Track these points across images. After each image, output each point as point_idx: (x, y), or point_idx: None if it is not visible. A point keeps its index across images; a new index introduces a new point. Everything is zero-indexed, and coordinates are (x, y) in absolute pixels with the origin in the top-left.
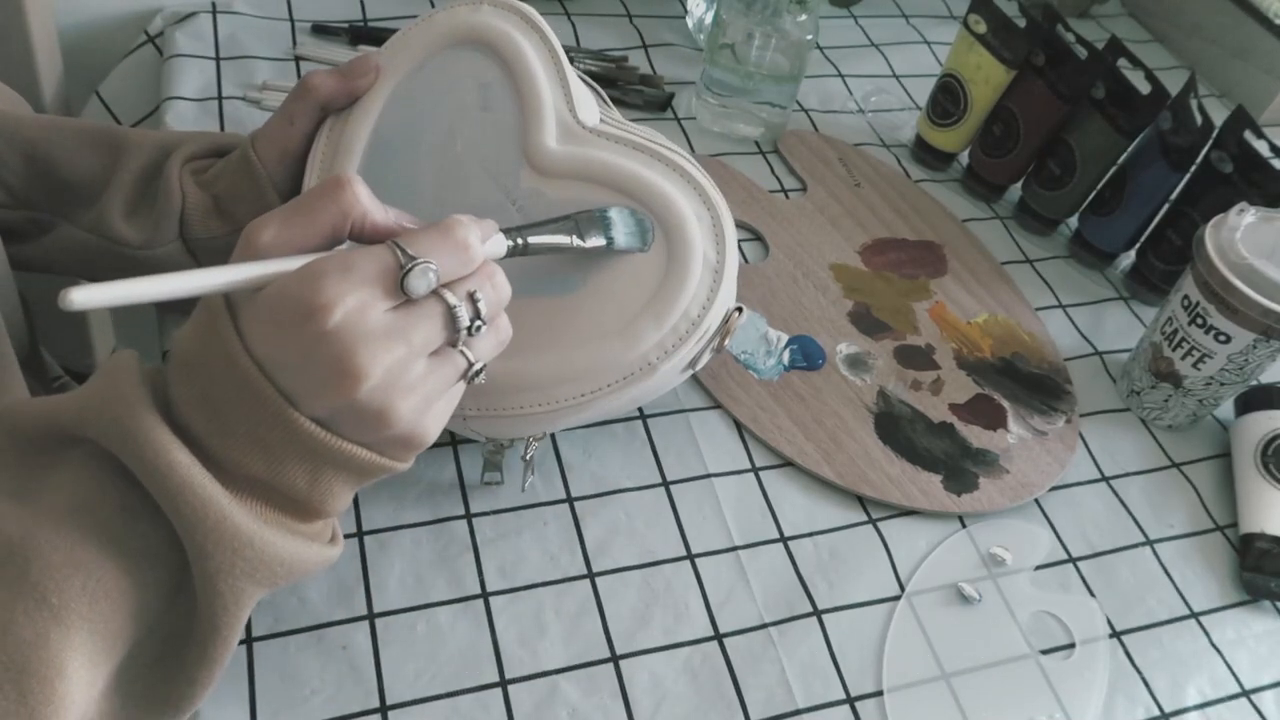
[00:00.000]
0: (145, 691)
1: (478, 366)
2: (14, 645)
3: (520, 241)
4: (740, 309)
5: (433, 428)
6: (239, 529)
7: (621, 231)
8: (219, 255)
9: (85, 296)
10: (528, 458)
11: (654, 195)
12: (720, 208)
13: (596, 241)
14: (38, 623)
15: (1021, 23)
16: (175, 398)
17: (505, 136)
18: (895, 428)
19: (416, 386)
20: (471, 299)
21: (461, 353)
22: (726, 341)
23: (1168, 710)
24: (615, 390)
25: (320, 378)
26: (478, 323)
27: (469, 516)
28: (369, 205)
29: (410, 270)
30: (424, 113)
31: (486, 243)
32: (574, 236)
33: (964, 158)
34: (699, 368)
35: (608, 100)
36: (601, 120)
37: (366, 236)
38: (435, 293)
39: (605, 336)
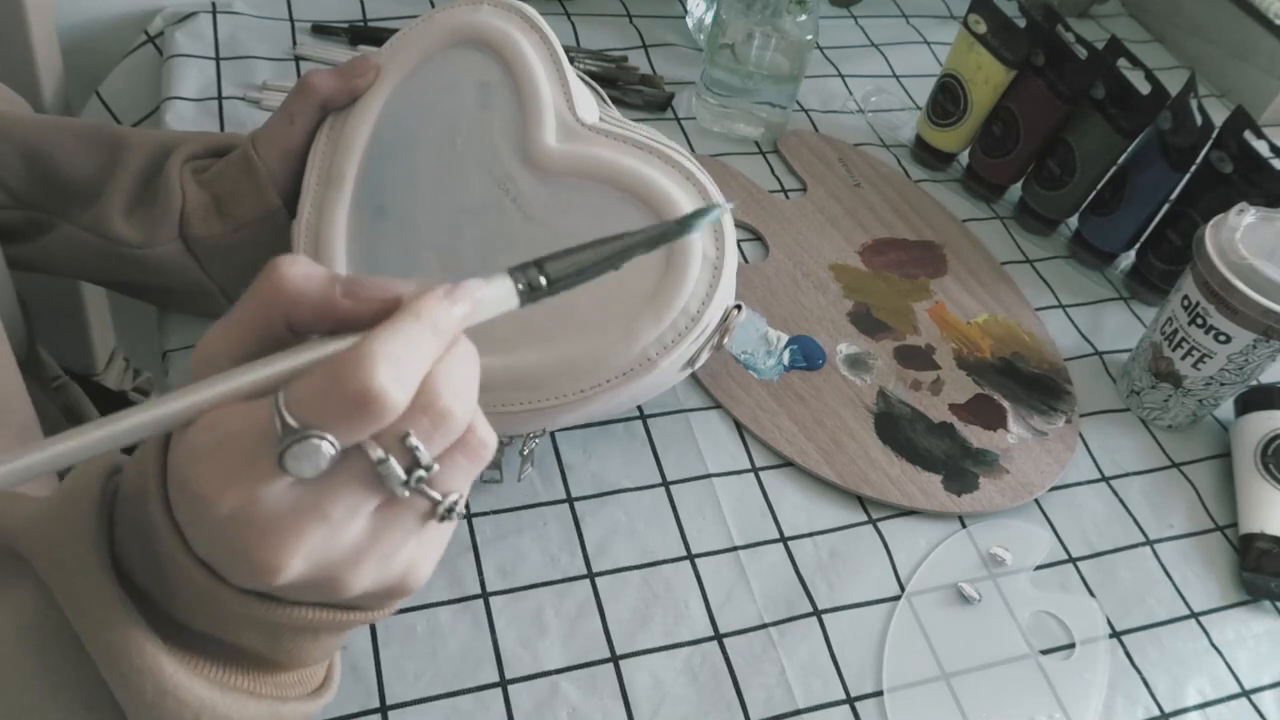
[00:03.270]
0: None
1: (448, 502)
2: None
3: (538, 282)
4: (739, 307)
5: (412, 575)
6: (185, 701)
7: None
8: (218, 254)
9: None
10: (526, 453)
11: (654, 191)
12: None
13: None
14: None
15: (1021, 23)
16: (120, 539)
17: (505, 135)
18: (895, 428)
19: (364, 553)
20: (404, 444)
21: (419, 492)
22: (726, 340)
23: (1168, 710)
24: (614, 386)
25: (236, 568)
26: (418, 473)
27: (469, 516)
28: (304, 287)
29: (287, 450)
30: (424, 112)
31: (459, 314)
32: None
33: (964, 158)
34: (698, 366)
35: (607, 99)
36: (601, 119)
37: (324, 325)
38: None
39: (604, 332)
